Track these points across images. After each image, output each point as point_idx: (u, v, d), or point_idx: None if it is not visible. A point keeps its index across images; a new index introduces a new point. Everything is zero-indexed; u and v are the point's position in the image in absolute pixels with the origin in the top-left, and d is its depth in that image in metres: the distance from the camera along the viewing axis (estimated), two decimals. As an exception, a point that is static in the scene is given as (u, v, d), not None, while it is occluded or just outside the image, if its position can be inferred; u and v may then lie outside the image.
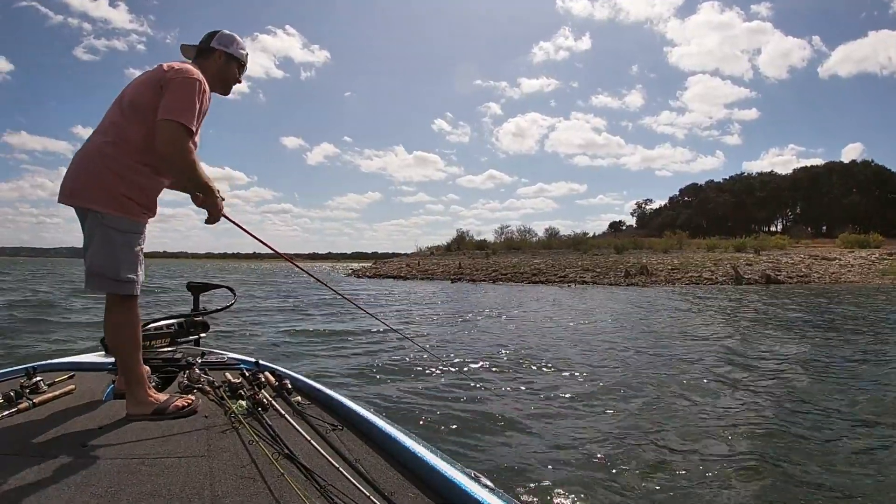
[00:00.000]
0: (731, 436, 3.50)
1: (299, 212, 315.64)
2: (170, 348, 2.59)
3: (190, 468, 1.37)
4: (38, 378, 2.02)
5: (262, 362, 2.45)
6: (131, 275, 1.88)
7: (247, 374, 2.17)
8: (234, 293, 3.20)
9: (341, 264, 70.67)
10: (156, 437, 1.60)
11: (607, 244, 46.75)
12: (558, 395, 4.53)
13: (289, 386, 2.03)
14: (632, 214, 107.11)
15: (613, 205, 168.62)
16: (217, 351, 2.77)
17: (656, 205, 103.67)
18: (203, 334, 2.87)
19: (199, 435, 1.63)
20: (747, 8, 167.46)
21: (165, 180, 2.03)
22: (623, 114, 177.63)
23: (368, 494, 1.21)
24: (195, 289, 2.98)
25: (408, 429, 1.61)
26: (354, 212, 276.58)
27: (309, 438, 1.54)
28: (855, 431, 3.63)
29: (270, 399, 1.87)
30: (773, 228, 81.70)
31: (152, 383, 1.96)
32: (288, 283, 27.21)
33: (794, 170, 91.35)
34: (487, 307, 13.58)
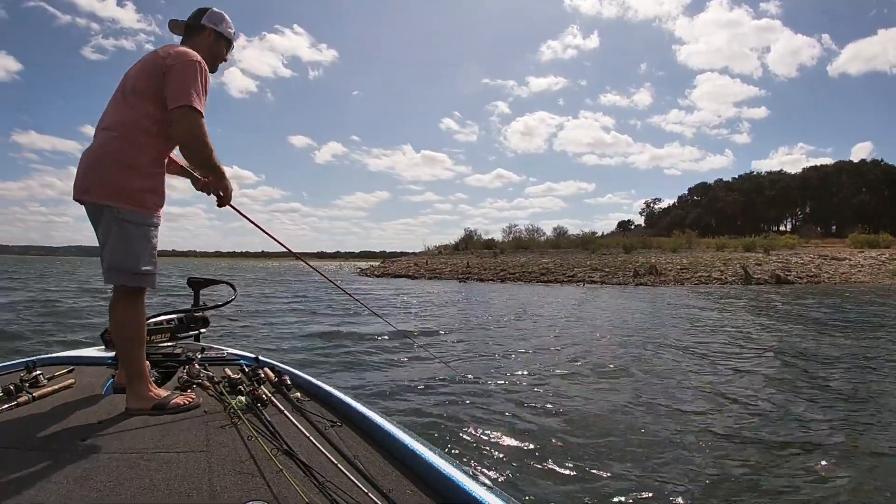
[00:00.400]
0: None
1: (308, 211, 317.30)
2: (170, 343, 2.61)
3: (189, 463, 1.38)
4: (38, 372, 2.02)
5: (261, 358, 2.46)
6: (150, 267, 1.91)
7: (246, 370, 2.19)
8: (234, 289, 3.22)
9: (349, 263, 70.80)
10: (155, 432, 1.61)
11: (616, 243, 46.61)
12: (562, 395, 4.56)
13: (288, 382, 2.04)
14: (640, 213, 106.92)
15: (622, 204, 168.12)
16: (217, 347, 2.79)
17: (665, 204, 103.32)
18: (203, 330, 2.88)
19: (198, 430, 1.63)
20: (756, 6, 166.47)
21: (170, 167, 2.07)
22: (631, 112, 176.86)
23: (367, 491, 1.22)
24: (196, 284, 2.99)
25: (418, 433, 1.62)
26: (363, 211, 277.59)
27: (308, 435, 1.55)
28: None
29: (270, 395, 1.88)
30: (783, 228, 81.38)
31: (152, 378, 1.96)
32: (298, 282, 27.10)
33: (803, 169, 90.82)
34: (498, 308, 13.51)
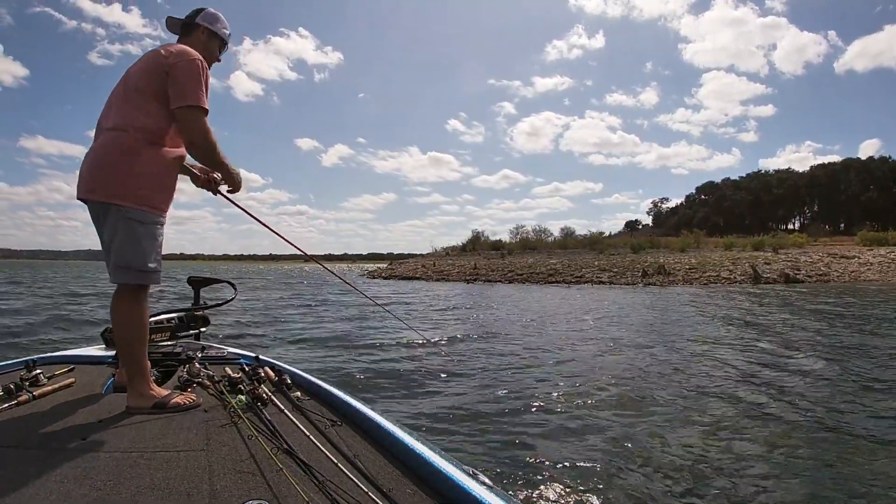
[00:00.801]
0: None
1: (315, 213, 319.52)
2: (170, 342, 2.61)
3: (189, 462, 1.39)
4: (38, 371, 2.03)
5: (261, 357, 2.47)
6: (156, 264, 1.93)
7: (246, 369, 2.20)
8: (234, 288, 3.22)
9: (356, 265, 70.94)
10: (155, 430, 1.62)
11: (624, 244, 46.59)
12: (567, 394, 4.61)
13: (288, 381, 2.06)
14: (648, 213, 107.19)
15: (629, 204, 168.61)
16: (217, 346, 2.79)
17: (672, 203, 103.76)
18: (203, 329, 2.89)
19: (198, 429, 1.64)
20: (762, 3, 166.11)
21: (175, 165, 2.09)
22: (638, 112, 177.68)
23: (367, 490, 1.22)
24: (196, 283, 2.99)
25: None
26: (369, 213, 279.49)
27: (308, 434, 1.55)
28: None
29: (270, 394, 1.89)
30: (791, 226, 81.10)
31: (152, 377, 1.97)
32: (308, 285, 27.30)
33: (811, 167, 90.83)
34: (513, 310, 13.53)
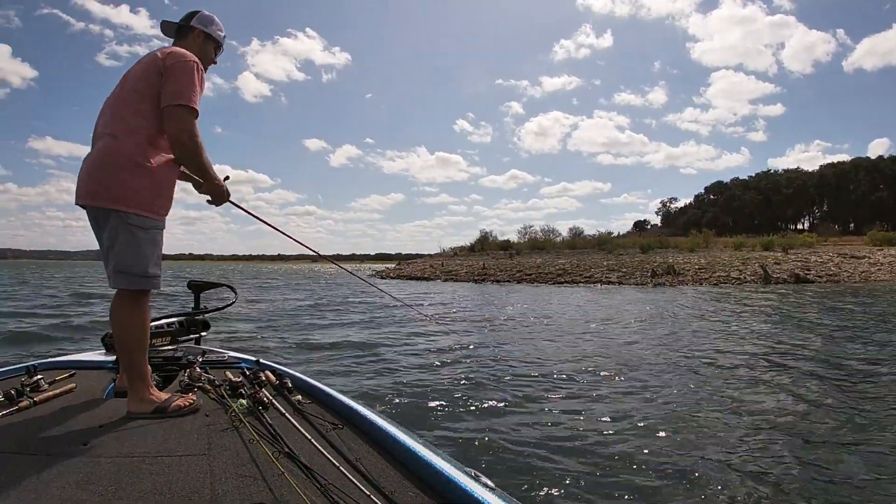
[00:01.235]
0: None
1: (323, 213, 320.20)
2: (171, 347, 2.62)
3: (190, 467, 1.38)
4: (39, 376, 2.02)
5: (262, 361, 2.46)
6: (156, 270, 1.93)
7: (247, 373, 2.20)
8: (234, 292, 3.20)
9: (365, 265, 71.16)
10: (156, 435, 1.62)
11: (632, 243, 46.51)
12: (572, 396, 4.62)
13: (289, 385, 2.06)
14: (656, 213, 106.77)
15: (638, 203, 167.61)
16: (218, 350, 2.79)
17: (681, 203, 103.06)
18: (204, 333, 2.88)
19: (199, 433, 1.64)
20: (770, 1, 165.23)
21: (174, 169, 2.07)
22: (646, 111, 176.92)
23: (369, 493, 1.22)
24: (196, 287, 2.98)
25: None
26: (378, 213, 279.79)
27: (309, 437, 1.55)
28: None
29: (271, 398, 1.89)
30: (800, 226, 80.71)
31: (153, 382, 1.96)
32: (326, 285, 27.32)
33: (820, 166, 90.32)
34: (526, 311, 13.36)
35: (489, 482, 1.26)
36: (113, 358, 2.34)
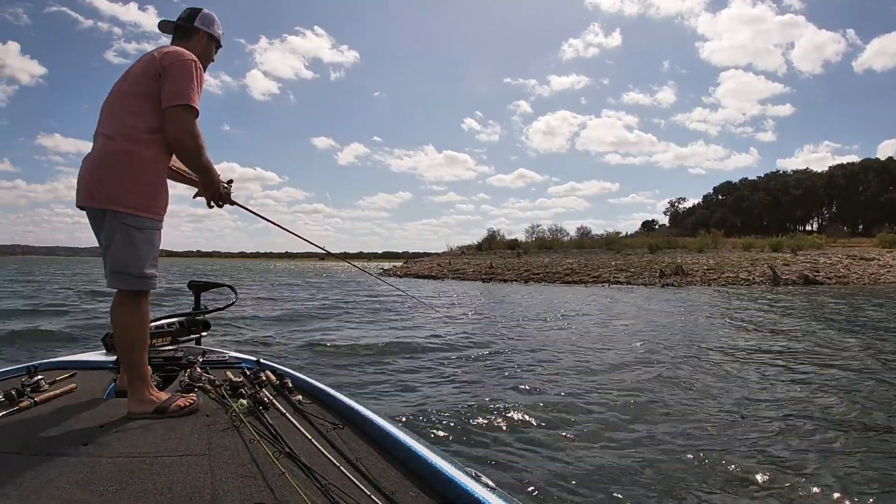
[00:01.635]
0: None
1: (331, 212, 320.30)
2: (171, 347, 2.62)
3: (191, 467, 1.38)
4: (39, 377, 2.01)
5: (262, 361, 2.47)
6: (153, 270, 1.92)
7: (248, 373, 2.21)
8: (235, 292, 3.20)
9: (372, 264, 71.28)
10: (157, 435, 1.62)
11: (640, 244, 46.39)
12: (575, 398, 4.54)
13: (290, 385, 2.07)
14: (665, 213, 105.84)
15: (646, 203, 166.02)
16: (218, 350, 2.79)
17: (689, 203, 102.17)
18: (204, 333, 2.89)
19: (200, 434, 1.63)
20: (779, 1, 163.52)
21: (169, 173, 2.06)
22: (655, 111, 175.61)
23: (369, 493, 1.22)
24: (196, 288, 2.99)
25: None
26: (385, 211, 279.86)
27: (310, 437, 1.56)
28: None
29: (271, 398, 1.89)
30: (809, 227, 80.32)
31: (153, 382, 1.96)
32: (325, 283, 27.54)
33: (829, 167, 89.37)
34: (537, 311, 13.21)
35: (489, 482, 1.28)
36: (113, 358, 2.34)
